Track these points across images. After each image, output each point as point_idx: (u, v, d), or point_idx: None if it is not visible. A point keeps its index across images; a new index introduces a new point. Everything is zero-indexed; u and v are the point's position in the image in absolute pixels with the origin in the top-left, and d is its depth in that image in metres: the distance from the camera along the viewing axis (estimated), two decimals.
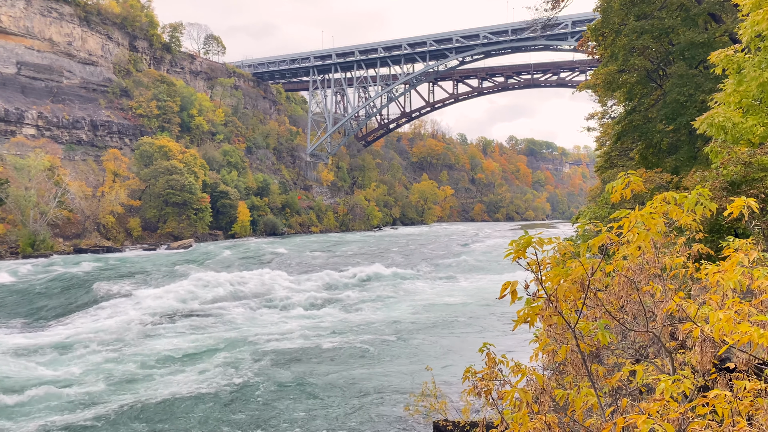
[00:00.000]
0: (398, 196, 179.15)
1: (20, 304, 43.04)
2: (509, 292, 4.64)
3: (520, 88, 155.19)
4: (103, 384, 24.18)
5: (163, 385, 24.19)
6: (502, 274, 56.89)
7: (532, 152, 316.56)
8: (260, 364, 27.47)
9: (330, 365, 27.47)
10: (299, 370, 26.65)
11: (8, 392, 22.97)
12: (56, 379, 24.73)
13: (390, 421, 20.60)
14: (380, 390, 24.00)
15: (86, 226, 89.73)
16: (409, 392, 21.52)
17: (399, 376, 25.94)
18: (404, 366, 27.50)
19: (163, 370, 26.36)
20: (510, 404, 4.66)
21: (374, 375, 26.08)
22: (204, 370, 26.18)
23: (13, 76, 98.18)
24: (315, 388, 24.30)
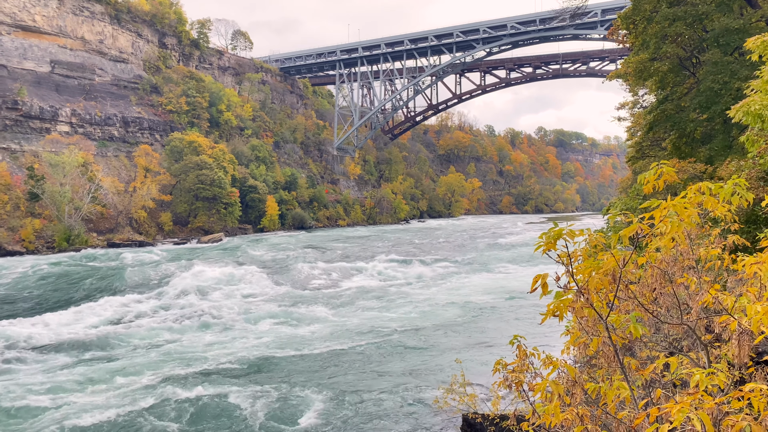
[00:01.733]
0: (425, 189, 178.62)
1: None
2: (540, 285, 4.61)
3: (549, 78, 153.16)
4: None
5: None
6: (534, 267, 56.45)
7: (561, 143, 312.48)
8: (291, 353, 27.75)
9: (359, 358, 27.62)
10: (329, 361, 26.86)
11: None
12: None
13: (419, 414, 20.65)
14: (409, 383, 24.07)
15: (119, 221, 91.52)
16: (439, 385, 21.54)
17: (428, 368, 25.97)
18: (433, 359, 27.51)
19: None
20: (541, 396, 4.64)
21: (403, 368, 26.16)
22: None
23: (47, 74, 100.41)
24: (344, 380, 24.48)
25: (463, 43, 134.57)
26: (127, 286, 45.56)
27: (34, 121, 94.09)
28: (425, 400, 21.76)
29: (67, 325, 33.56)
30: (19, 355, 27.97)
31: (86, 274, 51.93)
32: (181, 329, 32.99)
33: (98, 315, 36.27)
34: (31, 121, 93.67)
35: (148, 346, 29.77)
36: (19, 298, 42.97)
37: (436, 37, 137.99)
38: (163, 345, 29.89)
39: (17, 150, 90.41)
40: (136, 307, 38.70)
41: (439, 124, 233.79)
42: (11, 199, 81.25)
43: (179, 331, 32.53)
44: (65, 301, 41.86)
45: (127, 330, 32.81)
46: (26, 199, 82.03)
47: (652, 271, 6.10)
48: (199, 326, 33.63)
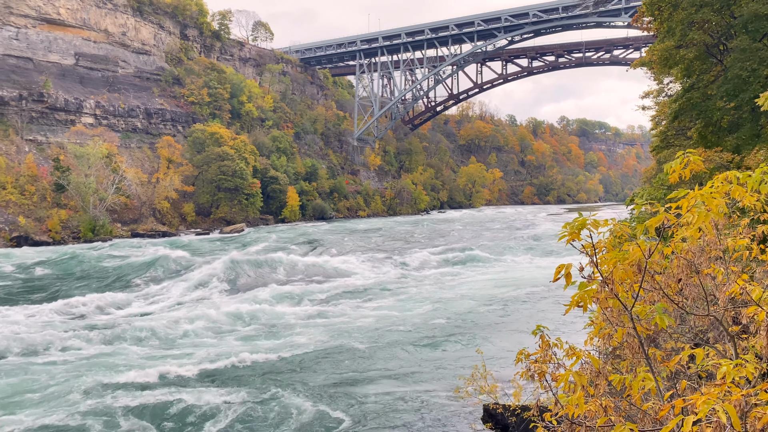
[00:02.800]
0: (446, 179, 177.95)
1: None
2: (563, 275, 4.57)
3: (571, 67, 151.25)
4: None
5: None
6: (555, 258, 56.07)
7: (584, 133, 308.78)
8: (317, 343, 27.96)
9: (378, 349, 27.72)
10: (347, 352, 27.01)
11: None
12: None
13: (439, 404, 20.70)
14: (429, 373, 24.11)
15: (143, 211, 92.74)
16: (459, 375, 21.55)
17: (447, 359, 25.99)
18: (453, 349, 27.53)
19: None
20: (565, 387, 4.61)
21: (423, 358, 26.21)
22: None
23: (72, 67, 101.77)
24: (363, 372, 24.60)
25: (485, 31, 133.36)
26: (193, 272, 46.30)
27: (60, 113, 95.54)
28: (445, 391, 21.79)
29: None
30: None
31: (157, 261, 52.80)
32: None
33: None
34: (57, 113, 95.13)
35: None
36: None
37: (457, 26, 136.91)
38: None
39: (43, 142, 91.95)
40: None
41: (460, 113, 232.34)
42: (38, 190, 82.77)
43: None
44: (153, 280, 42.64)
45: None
46: (52, 190, 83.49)
47: (677, 261, 6.01)
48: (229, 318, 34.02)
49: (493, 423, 17.46)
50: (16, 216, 77.12)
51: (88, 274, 48.84)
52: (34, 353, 26.71)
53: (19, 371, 24.16)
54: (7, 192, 79.13)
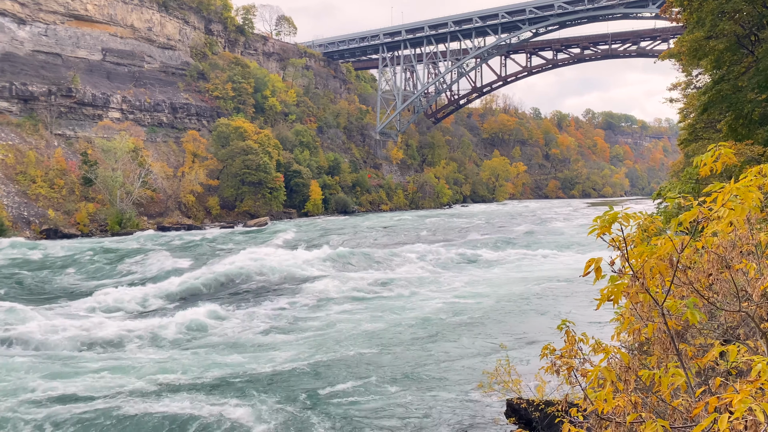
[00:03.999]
0: (469, 173, 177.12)
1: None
2: (593, 270, 4.52)
3: (597, 59, 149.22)
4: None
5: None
6: (579, 253, 55.53)
7: (609, 126, 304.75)
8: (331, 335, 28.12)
9: (399, 343, 27.77)
10: (367, 345, 27.09)
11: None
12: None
13: (462, 399, 20.67)
14: (453, 368, 24.09)
15: (168, 205, 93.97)
16: (482, 370, 21.48)
17: (470, 353, 25.93)
18: (476, 344, 27.45)
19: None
20: (594, 383, 4.56)
21: (445, 353, 26.18)
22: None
23: (99, 62, 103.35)
24: (383, 366, 24.66)
25: (509, 24, 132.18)
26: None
27: (87, 108, 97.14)
28: (468, 385, 21.75)
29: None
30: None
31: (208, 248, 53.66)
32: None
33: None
34: (85, 108, 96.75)
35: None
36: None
37: (480, 18, 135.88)
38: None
39: (72, 136, 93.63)
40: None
41: (484, 107, 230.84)
42: (67, 183, 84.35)
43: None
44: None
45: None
46: (80, 184, 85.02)
47: (708, 256, 5.90)
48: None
49: (517, 418, 17.38)
50: (45, 209, 78.72)
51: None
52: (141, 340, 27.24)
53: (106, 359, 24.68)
54: (37, 186, 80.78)
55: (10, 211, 75.05)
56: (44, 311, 32.63)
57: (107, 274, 47.29)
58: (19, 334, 27.28)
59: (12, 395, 20.24)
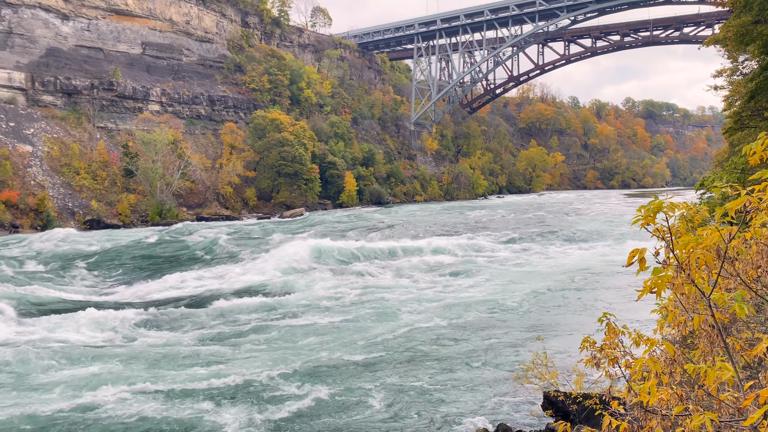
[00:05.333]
0: (505, 163, 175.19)
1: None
2: (637, 260, 4.42)
3: (638, 46, 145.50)
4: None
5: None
6: (617, 244, 54.55)
7: (650, 115, 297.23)
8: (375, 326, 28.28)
9: (435, 334, 27.76)
10: (403, 335, 27.17)
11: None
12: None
13: (499, 391, 20.58)
14: (488, 360, 23.98)
15: (207, 196, 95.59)
16: (519, 362, 21.35)
17: (507, 345, 25.77)
18: (512, 336, 27.26)
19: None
20: (637, 375, 4.48)
21: (481, 344, 26.08)
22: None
23: (139, 56, 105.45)
24: (420, 356, 24.70)
25: (546, 11, 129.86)
26: None
27: (128, 101, 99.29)
28: (505, 377, 21.64)
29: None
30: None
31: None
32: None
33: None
34: (125, 101, 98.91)
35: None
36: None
37: (517, 6, 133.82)
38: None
39: (113, 129, 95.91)
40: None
41: (520, 96, 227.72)
42: (109, 175, 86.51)
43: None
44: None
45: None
46: (122, 176, 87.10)
47: (757, 247, 5.72)
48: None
49: (554, 410, 17.23)
50: (89, 200, 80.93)
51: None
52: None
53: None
54: (80, 177, 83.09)
55: (56, 203, 77.42)
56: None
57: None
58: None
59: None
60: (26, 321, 29.24)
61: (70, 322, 28.52)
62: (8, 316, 29.58)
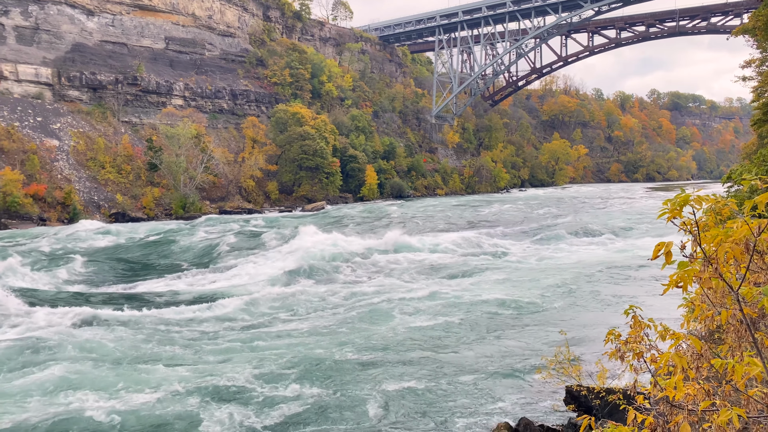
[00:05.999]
0: (527, 156, 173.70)
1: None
2: (663, 254, 4.36)
3: (663, 37, 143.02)
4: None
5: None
6: (639, 239, 53.90)
7: (676, 107, 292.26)
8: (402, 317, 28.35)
9: (461, 327, 27.73)
10: (423, 332, 27.21)
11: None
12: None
13: (520, 385, 20.51)
14: (510, 354, 23.90)
15: (229, 189, 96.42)
16: (541, 356, 21.23)
17: (529, 340, 25.64)
18: (535, 330, 27.12)
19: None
20: (663, 369, 4.43)
21: (504, 339, 25.99)
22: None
23: (162, 50, 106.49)
24: (440, 351, 24.69)
25: (570, 2, 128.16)
26: None
27: (152, 96, 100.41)
28: (527, 371, 21.55)
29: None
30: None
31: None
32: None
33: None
34: (149, 96, 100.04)
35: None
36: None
37: None
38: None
39: (137, 123, 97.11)
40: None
41: (543, 88, 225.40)
42: (133, 169, 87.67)
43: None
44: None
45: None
46: (146, 169, 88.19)
47: None
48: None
49: (576, 405, 17.10)
50: (114, 194, 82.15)
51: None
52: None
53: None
54: (105, 171, 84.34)
55: (82, 196, 78.71)
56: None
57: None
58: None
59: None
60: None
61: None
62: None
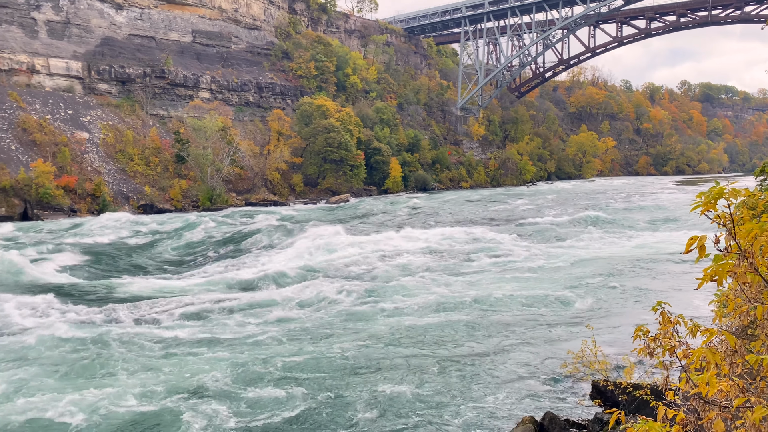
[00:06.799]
0: (554, 149, 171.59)
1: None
2: (696, 248, 4.27)
3: (695, 27, 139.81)
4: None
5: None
6: (664, 232, 53.01)
7: (707, 98, 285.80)
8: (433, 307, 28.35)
9: (487, 318, 27.62)
10: (446, 326, 27.15)
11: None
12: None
13: (546, 378, 20.36)
14: (534, 348, 23.74)
15: (255, 182, 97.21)
16: (567, 350, 21.05)
17: (554, 335, 25.43)
18: (560, 324, 26.89)
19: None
20: (695, 364, 4.34)
21: (528, 334, 25.82)
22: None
23: (189, 44, 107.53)
24: (465, 344, 24.63)
25: None
26: None
27: (179, 89, 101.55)
28: (552, 365, 21.39)
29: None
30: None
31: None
32: None
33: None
34: (177, 89, 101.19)
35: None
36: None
37: None
38: None
39: (165, 116, 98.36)
40: None
41: (570, 80, 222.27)
42: (161, 161, 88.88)
43: None
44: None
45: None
46: (174, 162, 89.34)
47: None
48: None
49: (602, 400, 16.93)
50: (142, 185, 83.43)
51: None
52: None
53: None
54: (134, 163, 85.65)
55: (111, 188, 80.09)
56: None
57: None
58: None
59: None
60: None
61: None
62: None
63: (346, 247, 45.49)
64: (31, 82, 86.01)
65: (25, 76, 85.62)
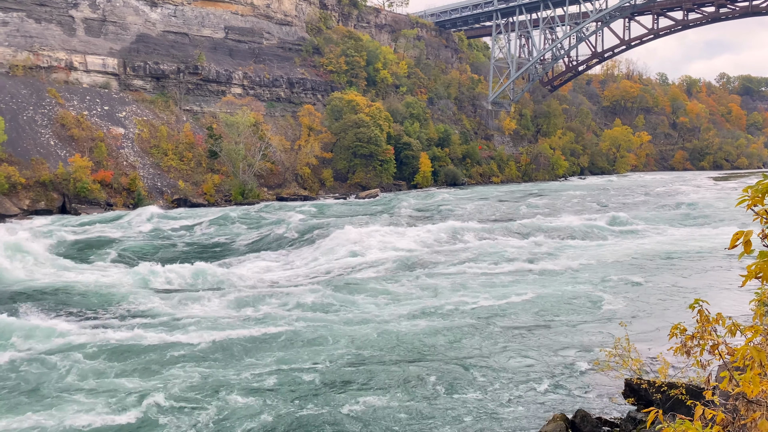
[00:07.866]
0: (587, 143, 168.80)
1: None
2: (741, 243, 4.13)
3: (735, 17, 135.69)
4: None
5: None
6: (698, 228, 51.82)
7: (747, 91, 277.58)
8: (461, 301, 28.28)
9: (520, 314, 27.41)
10: (479, 321, 27.02)
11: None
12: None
13: (578, 375, 20.11)
14: (568, 344, 23.46)
15: (286, 176, 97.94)
16: (600, 347, 20.75)
17: (587, 330, 25.10)
18: (593, 321, 26.52)
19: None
20: (739, 362, 4.21)
21: (558, 330, 25.53)
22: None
23: (222, 40, 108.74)
24: (501, 342, 24.47)
25: None
26: None
27: (212, 85, 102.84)
28: (585, 362, 21.11)
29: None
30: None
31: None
32: None
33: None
34: (209, 85, 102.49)
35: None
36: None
37: None
38: None
39: (198, 111, 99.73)
40: None
41: (604, 73, 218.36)
42: (194, 156, 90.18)
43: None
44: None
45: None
46: (207, 157, 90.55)
47: None
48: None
49: (636, 398, 16.62)
50: (176, 180, 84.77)
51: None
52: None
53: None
54: (168, 158, 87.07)
55: (146, 182, 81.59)
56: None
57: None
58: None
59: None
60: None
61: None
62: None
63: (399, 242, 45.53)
64: (69, 79, 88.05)
65: (64, 73, 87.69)
